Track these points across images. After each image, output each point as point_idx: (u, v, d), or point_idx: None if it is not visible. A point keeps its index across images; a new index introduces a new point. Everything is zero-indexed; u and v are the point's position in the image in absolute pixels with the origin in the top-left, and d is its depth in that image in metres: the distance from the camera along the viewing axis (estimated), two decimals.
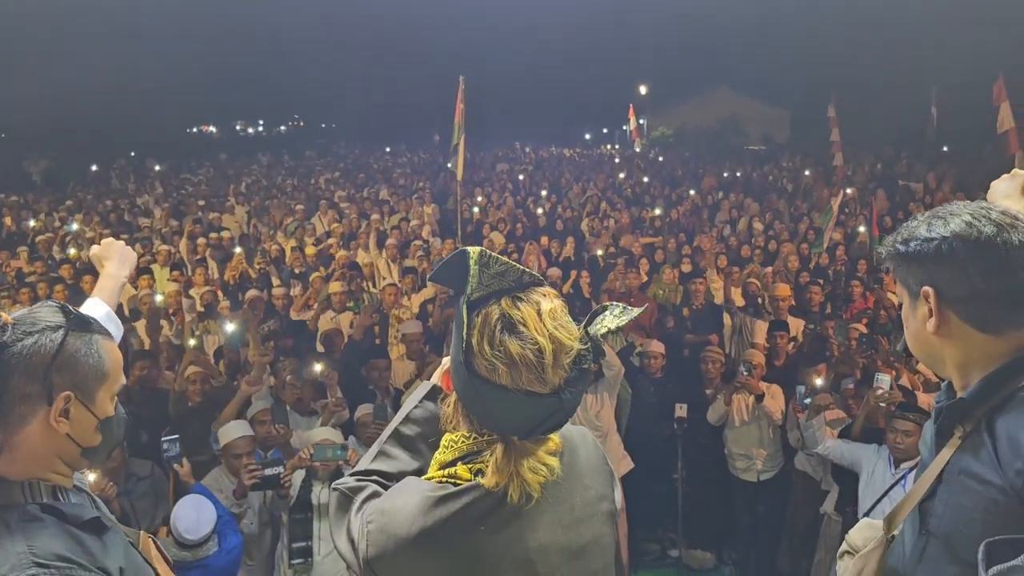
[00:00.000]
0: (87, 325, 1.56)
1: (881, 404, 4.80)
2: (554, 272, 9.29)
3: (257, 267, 10.11)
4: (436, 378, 1.64)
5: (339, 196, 18.03)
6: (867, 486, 4.63)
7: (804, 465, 5.72)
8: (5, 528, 1.41)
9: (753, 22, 53.34)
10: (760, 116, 42.98)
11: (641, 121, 37.07)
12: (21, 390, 1.46)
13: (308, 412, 5.54)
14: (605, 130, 54.25)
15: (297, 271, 9.92)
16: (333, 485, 1.58)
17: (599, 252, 11.34)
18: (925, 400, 5.51)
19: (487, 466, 1.39)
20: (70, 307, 1.57)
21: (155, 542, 1.79)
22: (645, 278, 9.67)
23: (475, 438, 1.44)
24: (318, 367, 5.43)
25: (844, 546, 1.64)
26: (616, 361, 5.97)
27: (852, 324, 6.80)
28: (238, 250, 10.93)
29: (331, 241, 11.79)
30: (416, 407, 1.61)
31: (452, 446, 1.46)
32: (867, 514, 4.58)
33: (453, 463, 1.44)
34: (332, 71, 65.07)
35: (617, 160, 30.16)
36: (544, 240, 12.04)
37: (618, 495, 1.61)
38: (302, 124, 71.68)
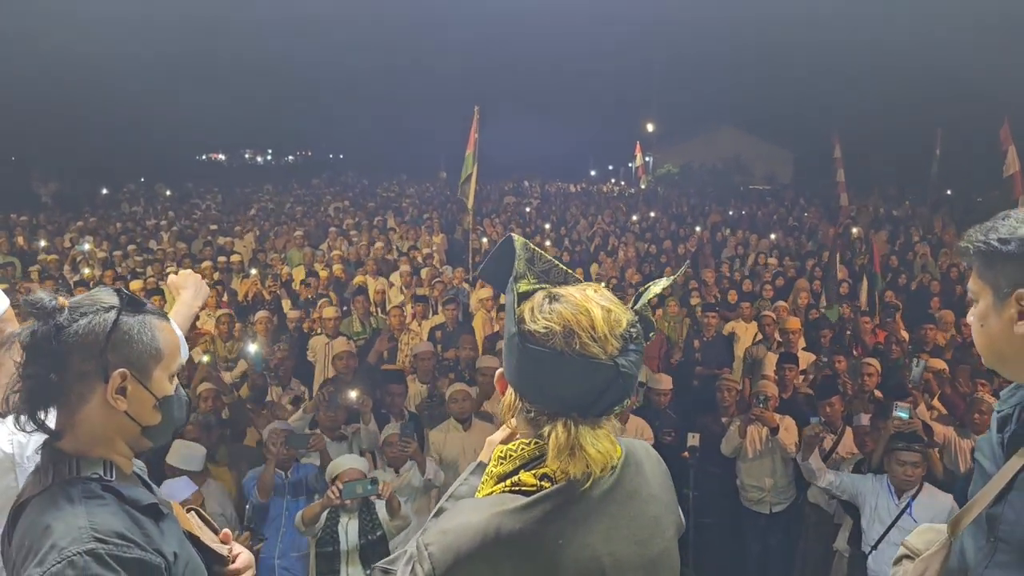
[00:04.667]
0: (140, 306, 1.59)
1: (902, 433, 4.79)
2: None
3: (268, 289, 10.18)
4: (483, 456, 1.58)
5: (348, 224, 18.17)
6: (872, 518, 4.63)
7: (817, 498, 5.68)
8: (68, 501, 1.44)
9: (759, 62, 53.96)
10: (764, 156, 43.30)
11: (647, 158, 37.32)
12: (78, 369, 1.50)
13: (338, 437, 5.47)
14: (611, 166, 54.66)
15: (310, 295, 9.96)
16: (372, 565, 1.54)
17: (604, 284, 11.35)
18: (942, 432, 5.51)
19: (549, 460, 1.33)
20: (124, 290, 1.60)
21: (197, 512, 1.80)
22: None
23: (536, 442, 1.37)
24: (354, 394, 5.40)
25: (902, 550, 1.63)
26: None
27: (866, 359, 6.78)
28: (253, 272, 11.04)
29: (337, 269, 11.86)
30: (461, 484, 1.53)
31: (511, 456, 1.40)
32: (876, 546, 4.57)
33: (515, 472, 1.38)
34: (342, 102, 65.84)
35: (620, 195, 30.36)
36: None
37: (680, 512, 1.58)
38: (310, 154, 72.22)
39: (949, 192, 25.54)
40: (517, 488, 1.36)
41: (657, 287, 1.47)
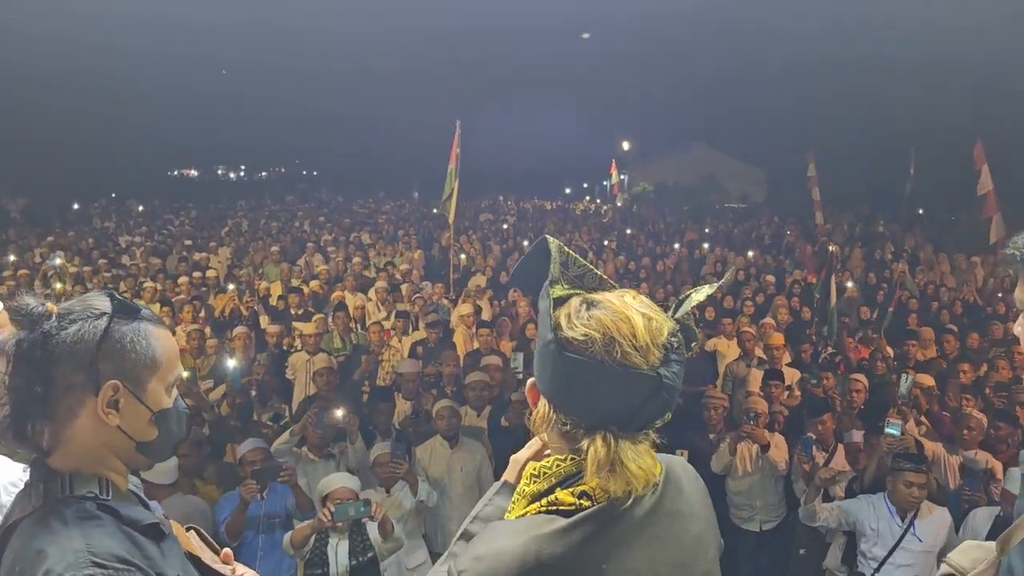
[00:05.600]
0: (135, 312, 1.47)
1: (894, 450, 4.76)
2: None
3: (246, 304, 10.03)
4: (508, 475, 1.52)
5: (325, 240, 18.05)
6: (873, 541, 4.55)
7: None
8: (62, 523, 1.33)
9: (733, 81, 54.66)
10: (739, 174, 43.76)
11: (622, 176, 37.59)
12: (67, 380, 1.38)
13: (326, 456, 5.33)
14: (585, 184, 54.85)
15: (296, 312, 9.82)
16: None
17: None
18: (931, 448, 5.49)
19: (587, 476, 1.25)
20: (117, 294, 1.49)
21: (197, 532, 1.69)
22: None
23: (572, 458, 1.28)
24: (340, 412, 5.26)
25: (945, 568, 1.57)
26: None
27: (853, 376, 6.77)
28: (231, 287, 10.90)
29: (314, 284, 11.73)
30: (486, 505, 1.47)
31: (545, 473, 1.31)
32: (879, 568, 4.50)
33: (550, 491, 1.29)
34: (315, 118, 65.65)
35: (596, 212, 30.54)
36: None
37: (718, 530, 1.49)
38: (283, 171, 71.78)
39: (921, 211, 25.88)
40: (554, 508, 1.26)
41: (700, 295, 1.38)
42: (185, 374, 6.56)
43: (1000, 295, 12.07)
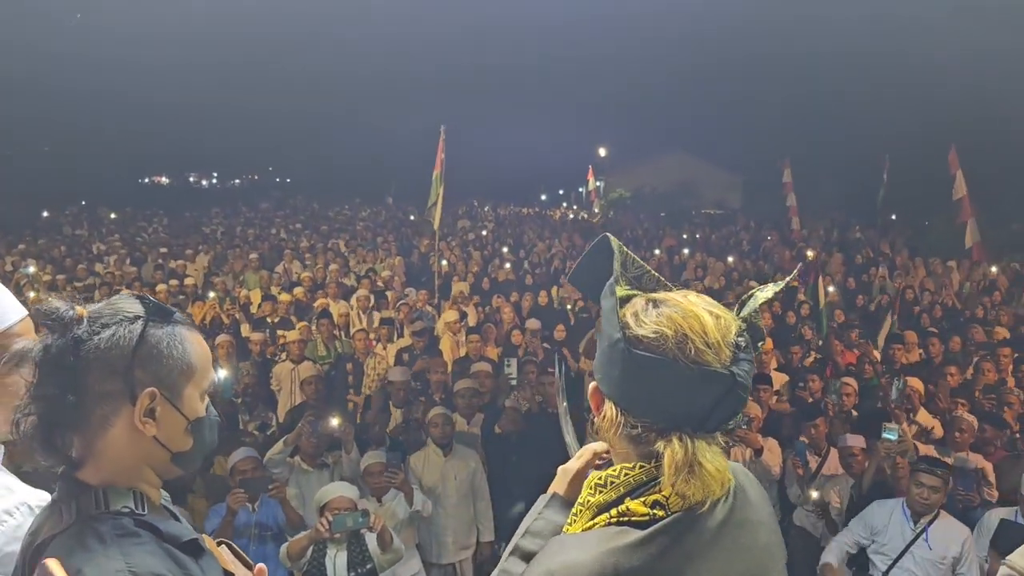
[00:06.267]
0: (168, 314, 1.40)
1: (892, 455, 4.75)
2: (533, 323, 9.22)
3: (227, 312, 9.89)
4: (557, 487, 1.47)
5: (303, 247, 17.90)
6: (884, 543, 4.50)
7: (803, 521, 5.62)
8: (98, 541, 1.24)
9: (709, 87, 55.13)
10: (715, 180, 44.03)
11: (599, 183, 37.72)
12: (100, 388, 1.30)
13: (319, 465, 5.24)
14: (561, 191, 54.98)
15: (271, 320, 9.69)
16: None
17: (568, 306, 11.48)
18: (923, 450, 5.51)
19: (664, 480, 1.19)
20: (149, 297, 1.41)
21: (229, 546, 1.60)
22: None
23: (641, 466, 1.23)
24: (335, 422, 5.15)
25: (1005, 569, 1.54)
26: None
27: (843, 379, 6.78)
28: (211, 295, 10.75)
29: (298, 291, 11.60)
30: (537, 519, 1.41)
31: (613, 482, 1.25)
32: (887, 572, 4.46)
33: (619, 501, 1.23)
34: (289, 124, 65.31)
35: (575, 218, 30.61)
36: (514, 295, 11.97)
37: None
38: (256, 177, 71.22)
39: (894, 216, 26.20)
40: (625, 519, 1.21)
41: (766, 293, 1.33)
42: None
43: (978, 298, 12.21)
